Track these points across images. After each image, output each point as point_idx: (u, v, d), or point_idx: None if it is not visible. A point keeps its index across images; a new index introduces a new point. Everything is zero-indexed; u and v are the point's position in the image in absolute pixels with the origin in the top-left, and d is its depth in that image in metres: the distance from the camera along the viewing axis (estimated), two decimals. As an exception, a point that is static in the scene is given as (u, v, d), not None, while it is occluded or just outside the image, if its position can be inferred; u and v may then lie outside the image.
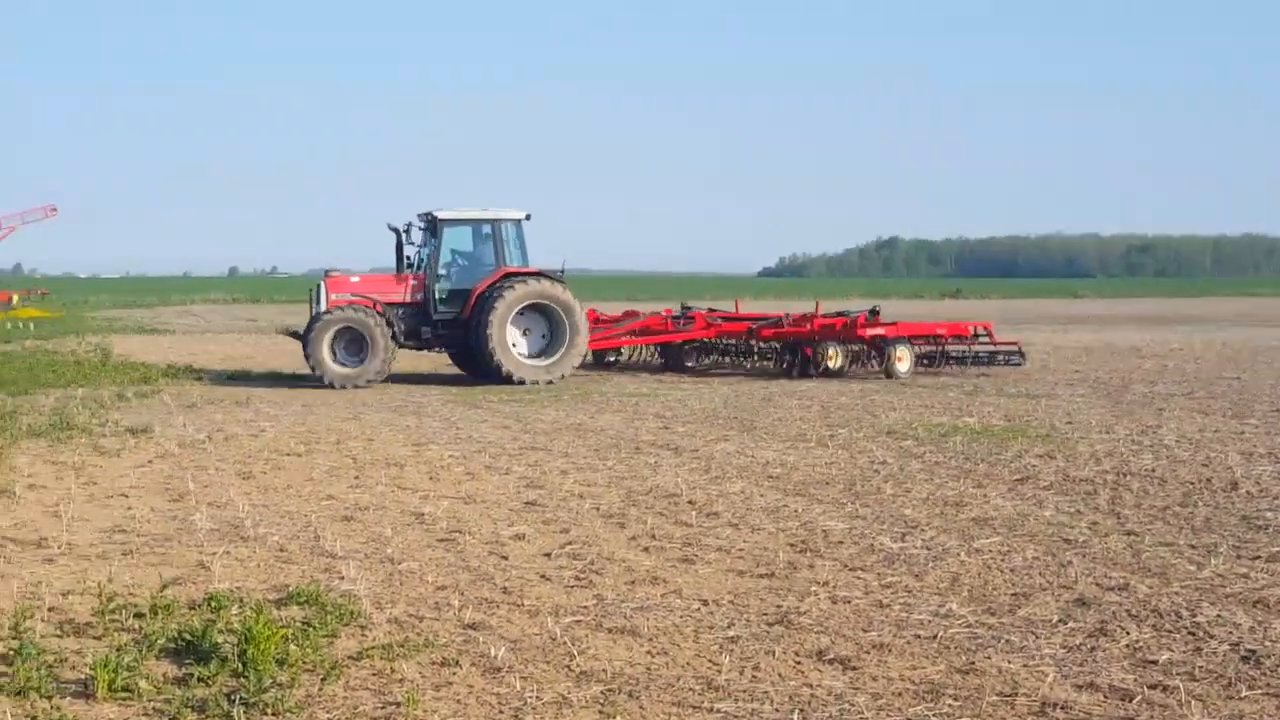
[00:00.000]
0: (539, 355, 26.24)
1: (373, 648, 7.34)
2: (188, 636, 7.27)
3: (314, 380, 25.17)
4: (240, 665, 6.82)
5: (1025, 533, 10.74)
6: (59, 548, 9.93)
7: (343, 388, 25.07)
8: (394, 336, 25.82)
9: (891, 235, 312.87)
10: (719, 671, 7.08)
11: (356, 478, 13.49)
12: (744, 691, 6.76)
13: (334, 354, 25.60)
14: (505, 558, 9.82)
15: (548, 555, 9.92)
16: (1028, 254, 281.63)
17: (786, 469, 14.15)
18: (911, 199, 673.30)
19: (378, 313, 25.78)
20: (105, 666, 6.56)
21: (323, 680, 6.79)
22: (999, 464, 14.40)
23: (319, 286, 26.97)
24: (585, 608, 8.38)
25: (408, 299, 26.70)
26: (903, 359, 27.03)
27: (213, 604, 8.12)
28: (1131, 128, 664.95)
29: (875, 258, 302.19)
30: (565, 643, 7.54)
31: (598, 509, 11.80)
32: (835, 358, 26.88)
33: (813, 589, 8.89)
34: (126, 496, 12.24)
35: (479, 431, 17.61)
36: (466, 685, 6.83)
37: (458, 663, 7.17)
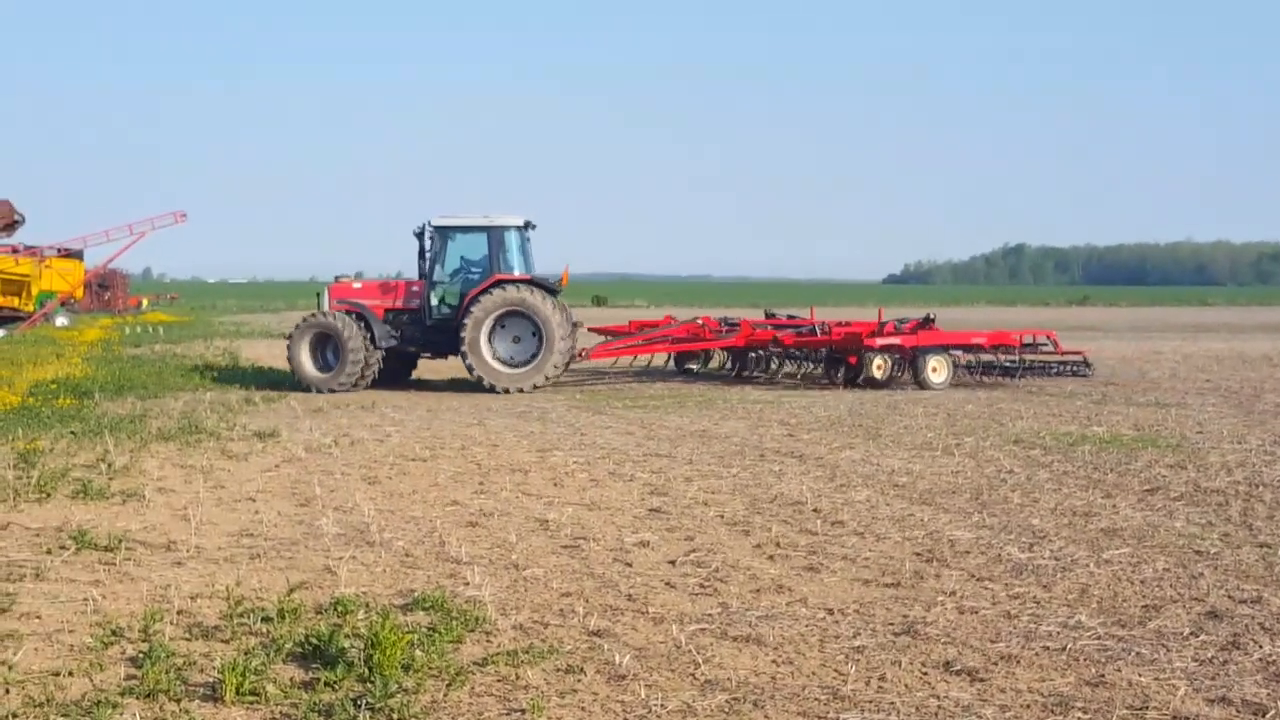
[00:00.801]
0: (521, 363, 26.13)
1: (498, 654, 7.34)
2: (314, 641, 7.31)
3: (436, 386, 25.45)
4: (366, 670, 6.85)
5: (1155, 544, 10.51)
6: (188, 551, 10.06)
7: (319, 391, 25.65)
8: (374, 341, 26.23)
9: (1018, 242, 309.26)
10: (844, 681, 6.98)
11: (481, 483, 13.54)
12: (870, 702, 6.67)
13: (316, 359, 26.33)
14: (629, 565, 9.79)
15: (672, 563, 9.87)
16: (1157, 261, 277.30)
17: (912, 477, 13.98)
18: (1039, 205, 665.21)
19: (377, 317, 26.45)
20: (233, 670, 6.61)
21: (448, 686, 6.80)
22: (1128, 474, 14.11)
23: (323, 292, 27.71)
24: (710, 616, 8.32)
25: (402, 305, 27.16)
26: (938, 369, 26.27)
27: (339, 608, 8.17)
28: (1264, 133, 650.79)
29: (1001, 265, 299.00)
30: (690, 651, 7.49)
31: (722, 516, 11.73)
32: (882, 368, 26.38)
33: (939, 599, 8.76)
34: (254, 500, 12.39)
35: (603, 438, 17.63)
36: (591, 693, 6.80)
37: (582, 670, 7.15)
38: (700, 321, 30.78)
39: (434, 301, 26.81)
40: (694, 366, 31.36)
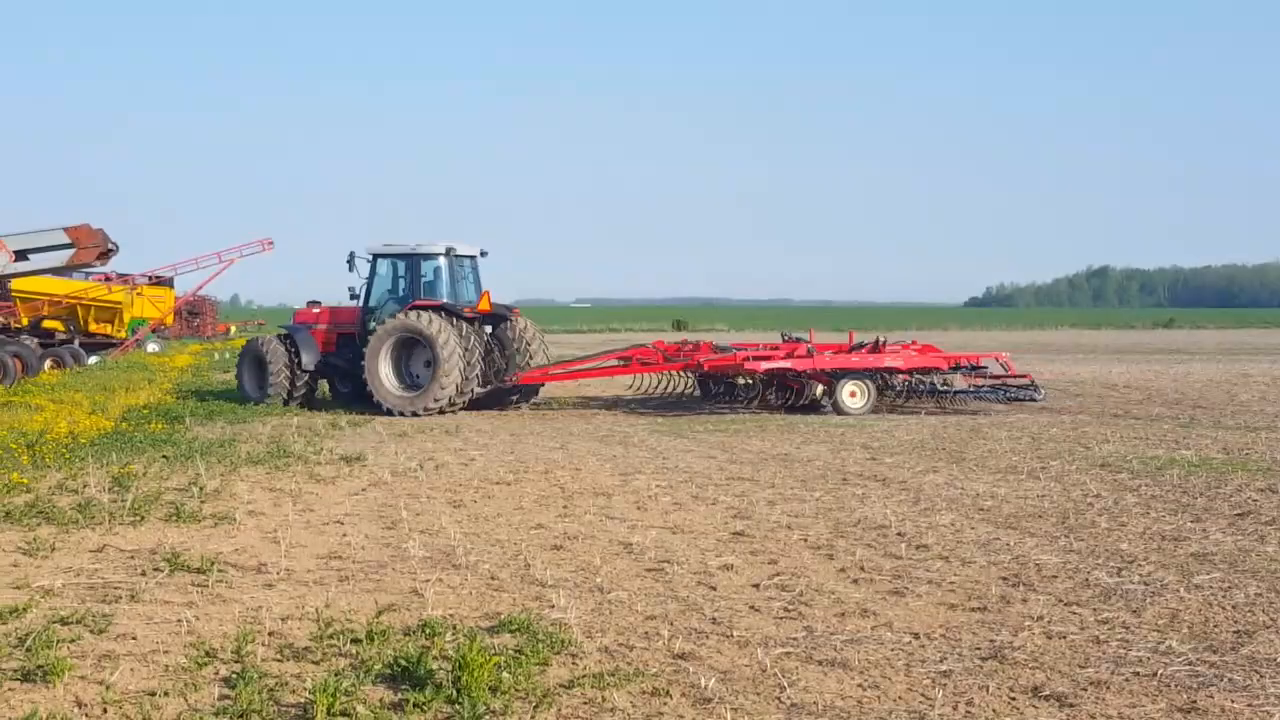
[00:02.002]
0: (415, 387, 26.83)
1: (584, 676, 7.39)
2: (403, 662, 7.39)
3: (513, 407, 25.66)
4: (454, 692, 6.92)
5: (1247, 569, 10.39)
6: (278, 573, 10.19)
7: (258, 404, 27.72)
8: (299, 365, 28.03)
9: (1102, 264, 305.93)
10: (932, 706, 6.97)
11: (565, 507, 13.62)
12: (958, 727, 6.67)
13: (253, 378, 28.57)
14: (714, 588, 9.81)
15: (756, 586, 9.88)
16: (1244, 283, 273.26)
17: (997, 501, 13.90)
18: (1124, 227, 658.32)
19: (312, 341, 28.37)
20: (324, 691, 6.71)
21: (535, 708, 6.85)
22: (1218, 498, 13.95)
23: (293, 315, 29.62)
24: (795, 639, 8.33)
25: (345, 329, 28.70)
26: (855, 394, 25.77)
27: (427, 631, 8.25)
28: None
29: (1085, 287, 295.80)
30: (775, 674, 7.51)
31: (805, 540, 11.73)
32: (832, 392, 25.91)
33: (1026, 624, 8.71)
34: (341, 524, 12.53)
35: (685, 461, 17.65)
36: (677, 716, 6.83)
37: (668, 693, 7.18)
38: (652, 345, 30.32)
39: (369, 326, 27.67)
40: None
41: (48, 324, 48.57)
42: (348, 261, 28.41)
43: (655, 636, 8.36)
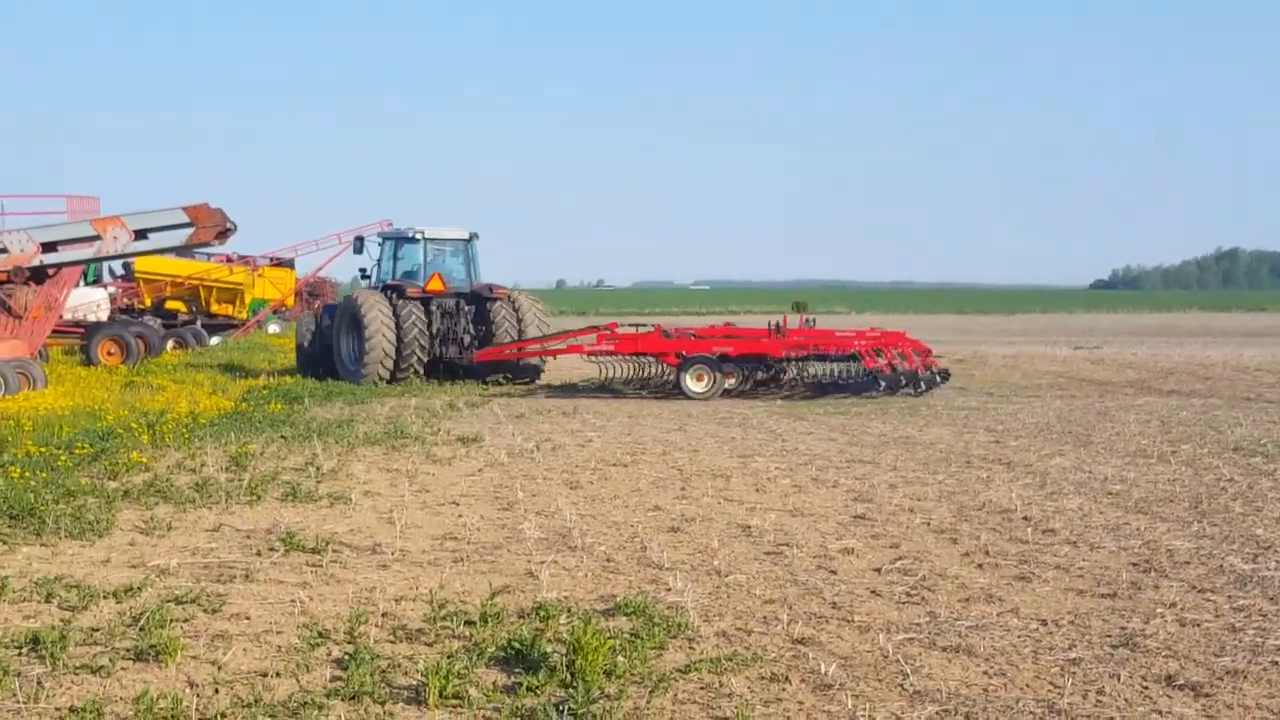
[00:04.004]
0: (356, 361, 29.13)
1: (701, 661, 7.21)
2: (517, 645, 7.26)
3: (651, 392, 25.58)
4: (569, 675, 6.77)
5: (1392, 556, 9.96)
6: (393, 554, 10.11)
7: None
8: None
9: (1232, 246, 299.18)
10: (1060, 695, 6.70)
11: (682, 489, 13.44)
12: (1088, 717, 6.40)
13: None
14: (834, 572, 9.58)
15: (878, 570, 9.63)
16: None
17: (1126, 485, 13.50)
18: (1255, 209, 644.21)
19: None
20: (436, 673, 6.59)
21: (650, 693, 6.68)
22: (1360, 482, 13.44)
23: None
24: (918, 625, 8.08)
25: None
26: (701, 378, 25.27)
27: (541, 613, 8.10)
28: None
29: (1214, 270, 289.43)
30: (898, 660, 7.27)
31: (928, 524, 11.45)
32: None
33: (1158, 610, 8.39)
34: (457, 504, 12.45)
35: (805, 444, 17.40)
36: (796, 702, 6.63)
37: (787, 678, 6.97)
38: (605, 328, 29.66)
39: None
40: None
41: (171, 305, 49.41)
42: (355, 243, 31.97)
43: (774, 621, 8.15)
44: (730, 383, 25.86)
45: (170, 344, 42.83)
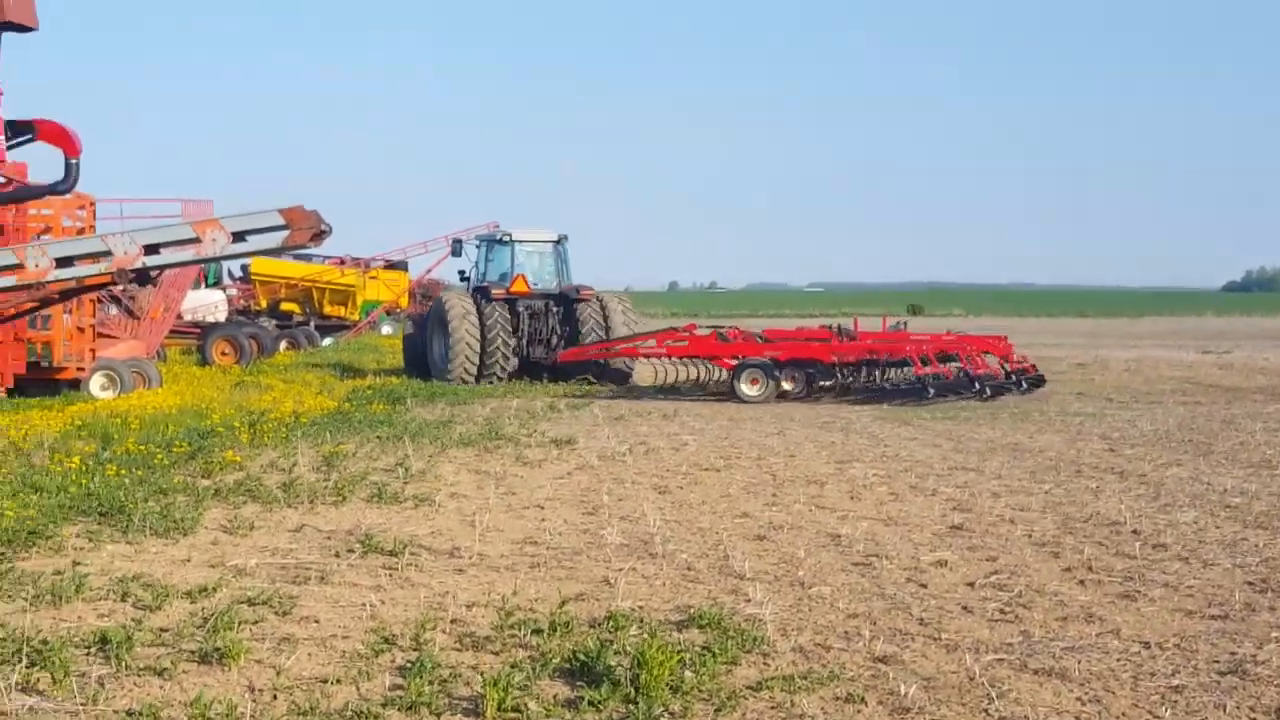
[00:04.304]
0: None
1: (774, 678, 6.84)
2: (582, 657, 6.95)
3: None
4: (633, 690, 6.45)
5: None
6: (470, 558, 9.86)
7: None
8: None
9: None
10: (1159, 726, 6.28)
11: (774, 495, 13.06)
12: (1188, 751, 5.96)
13: None
14: (924, 585, 9.16)
15: (971, 585, 9.20)
16: None
17: (1247, 498, 12.89)
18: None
19: None
20: (495, 685, 6.31)
21: (717, 711, 6.35)
22: None
23: None
24: (1009, 645, 7.65)
25: None
26: (755, 382, 25.31)
27: (612, 623, 7.79)
28: None
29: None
30: (984, 684, 6.85)
31: (1029, 536, 10.97)
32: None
33: (1273, 635, 7.88)
34: (542, 508, 12.19)
35: (907, 450, 16.94)
36: (871, 726, 6.27)
37: (863, 699, 6.60)
38: (684, 329, 29.32)
39: None
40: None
41: (285, 306, 49.90)
42: (454, 246, 34.02)
43: (856, 637, 7.76)
44: (788, 386, 25.66)
45: (283, 345, 43.25)
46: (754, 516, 11.81)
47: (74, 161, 15.88)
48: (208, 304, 45.09)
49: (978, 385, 24.90)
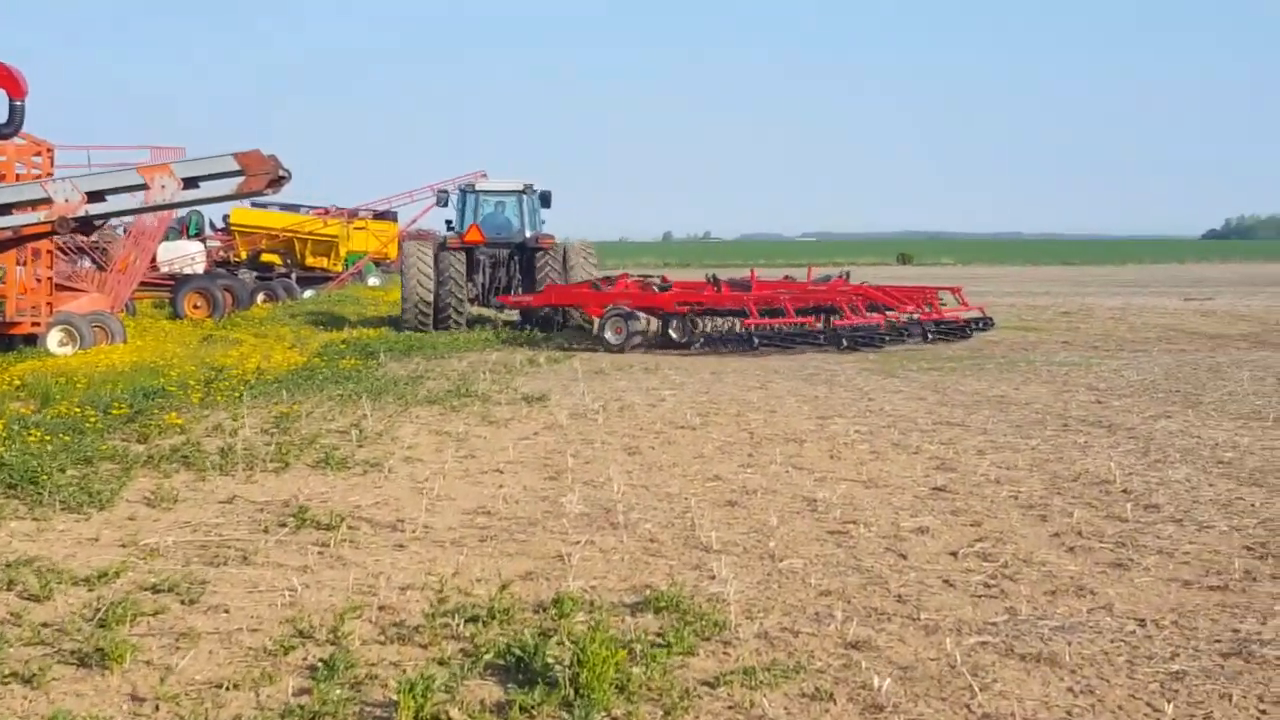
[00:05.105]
0: None
1: (733, 672, 6.13)
2: (517, 652, 6.18)
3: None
4: (572, 691, 5.74)
5: None
6: (413, 531, 9.08)
7: None
8: None
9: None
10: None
11: (750, 455, 12.32)
12: (1194, 754, 5.29)
13: None
14: (904, 556, 8.46)
15: (953, 554, 8.50)
16: None
17: (1240, 453, 12.23)
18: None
19: None
20: (412, 691, 5.52)
21: (665, 714, 5.63)
22: None
23: None
24: (994, 625, 6.96)
25: None
26: (619, 330, 25.41)
27: (559, 609, 7.04)
28: None
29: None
30: (965, 673, 6.15)
31: (1016, 497, 10.28)
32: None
33: (1277, 608, 7.23)
34: (501, 472, 11.39)
35: (891, 403, 16.23)
36: (838, 729, 5.58)
37: (831, 696, 5.89)
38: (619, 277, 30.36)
39: None
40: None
41: (266, 258, 49.00)
42: (440, 196, 34.69)
43: (827, 619, 7.06)
44: (674, 335, 26.26)
45: (260, 297, 42.42)
46: (726, 480, 11.08)
47: (19, 104, 15.10)
48: (184, 255, 44.27)
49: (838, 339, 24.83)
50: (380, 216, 54.40)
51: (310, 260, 50.49)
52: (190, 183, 15.05)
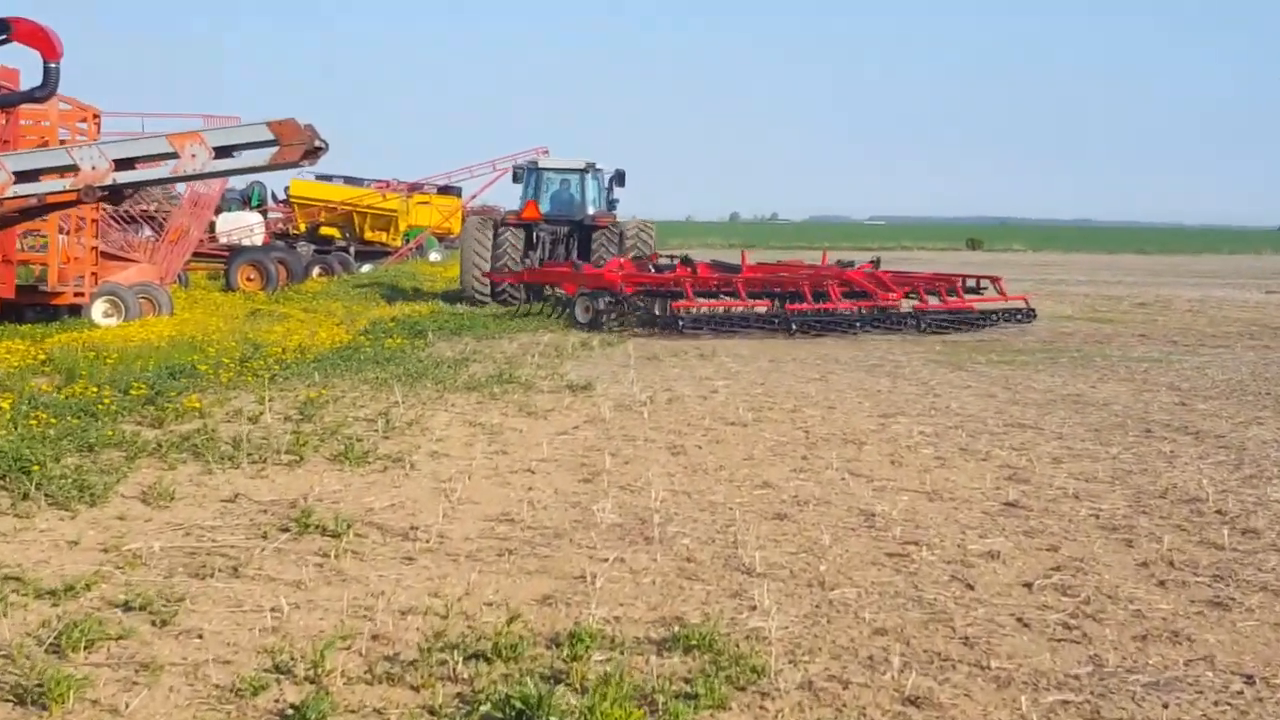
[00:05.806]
0: None
1: (769, 733, 5.24)
2: (518, 704, 5.25)
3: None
4: (578, 757, 4.85)
5: None
6: (427, 541, 8.17)
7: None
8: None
9: None
10: (1277, 816, 4.66)
11: (804, 459, 11.35)
12: None
13: None
14: (971, 586, 7.50)
15: (1028, 585, 7.54)
16: None
17: (1347, 469, 11.19)
18: None
19: None
20: (385, 755, 4.66)
21: (685, 792, 4.75)
22: None
23: None
24: (1075, 679, 5.99)
25: None
26: (588, 310, 25.65)
27: (574, 644, 6.11)
28: None
29: None
30: (1044, 745, 5.23)
31: (1096, 517, 9.28)
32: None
33: None
34: (532, 473, 10.47)
35: (959, 400, 15.24)
36: (890, 818, 4.67)
37: (884, 773, 4.99)
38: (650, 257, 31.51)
39: None
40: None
41: (325, 231, 48.52)
42: (514, 172, 34.21)
43: (882, 665, 6.11)
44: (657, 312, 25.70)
45: (316, 270, 41.86)
46: (776, 488, 10.10)
47: (53, 66, 14.37)
48: (243, 226, 43.83)
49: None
50: (444, 191, 53.86)
51: (369, 234, 49.99)
52: (222, 152, 14.30)
